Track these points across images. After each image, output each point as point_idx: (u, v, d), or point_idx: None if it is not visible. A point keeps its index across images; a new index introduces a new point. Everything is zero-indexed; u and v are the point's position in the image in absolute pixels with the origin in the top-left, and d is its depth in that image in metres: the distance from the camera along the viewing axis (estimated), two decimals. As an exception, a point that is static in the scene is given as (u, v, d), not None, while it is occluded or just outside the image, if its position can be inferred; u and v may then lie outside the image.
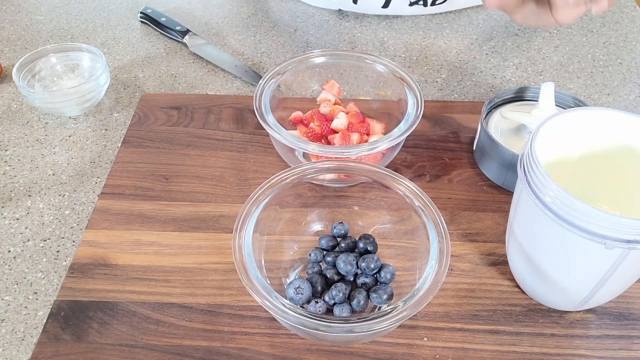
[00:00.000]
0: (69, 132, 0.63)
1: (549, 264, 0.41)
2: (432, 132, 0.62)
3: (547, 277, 0.42)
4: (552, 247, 0.39)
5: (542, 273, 0.42)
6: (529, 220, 0.40)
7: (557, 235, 0.37)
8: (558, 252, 0.39)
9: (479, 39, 0.79)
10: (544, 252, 0.40)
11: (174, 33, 0.77)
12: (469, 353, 0.43)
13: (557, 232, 0.37)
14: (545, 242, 0.39)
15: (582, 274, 0.39)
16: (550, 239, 0.39)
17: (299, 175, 0.46)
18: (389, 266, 0.45)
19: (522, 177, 0.39)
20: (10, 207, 0.55)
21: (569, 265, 0.39)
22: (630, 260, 0.36)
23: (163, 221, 0.52)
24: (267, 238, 0.46)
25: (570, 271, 0.40)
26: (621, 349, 0.43)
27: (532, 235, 0.41)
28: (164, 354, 0.43)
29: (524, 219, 0.41)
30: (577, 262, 0.39)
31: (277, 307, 0.37)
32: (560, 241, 0.38)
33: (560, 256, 0.39)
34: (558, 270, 0.41)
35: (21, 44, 0.78)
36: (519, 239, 0.43)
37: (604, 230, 0.34)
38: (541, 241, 0.40)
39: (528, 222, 0.41)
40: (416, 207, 0.44)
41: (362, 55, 0.60)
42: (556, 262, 0.40)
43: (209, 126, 0.63)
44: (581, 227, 0.35)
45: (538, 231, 0.40)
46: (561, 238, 0.37)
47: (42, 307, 0.47)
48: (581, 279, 0.40)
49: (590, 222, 0.34)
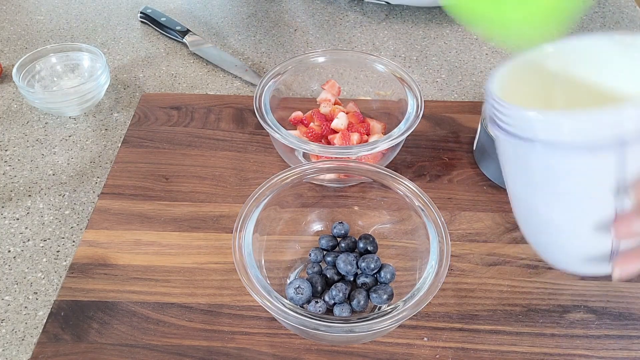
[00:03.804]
0: (69, 132, 0.63)
1: (537, 202, 0.35)
2: (432, 132, 0.62)
3: (545, 221, 0.36)
4: (530, 179, 0.34)
5: (542, 219, 0.36)
6: (511, 167, 0.36)
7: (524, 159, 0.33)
8: (534, 182, 0.34)
9: (479, 39, 0.79)
10: (530, 191, 0.35)
11: (174, 33, 0.77)
12: (469, 353, 0.43)
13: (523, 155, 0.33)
14: (525, 176, 0.35)
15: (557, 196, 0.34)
16: (523, 168, 0.34)
17: (299, 175, 0.46)
18: (389, 266, 0.45)
19: (491, 124, 0.35)
20: (10, 207, 0.55)
21: (548, 192, 0.34)
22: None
23: (163, 221, 0.52)
24: (267, 238, 0.46)
25: (551, 198, 0.35)
26: (621, 349, 0.43)
27: (518, 183, 0.36)
28: (164, 354, 0.43)
29: (509, 171, 0.37)
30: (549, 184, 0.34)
31: (277, 307, 0.37)
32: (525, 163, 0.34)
33: (538, 185, 0.34)
34: (546, 205, 0.35)
35: (21, 44, 0.78)
36: (515, 200, 0.38)
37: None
38: (522, 179, 0.35)
39: (511, 170, 0.36)
40: (416, 207, 0.44)
41: (362, 55, 0.60)
42: (541, 197, 0.35)
43: (209, 126, 0.63)
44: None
45: (516, 169, 0.35)
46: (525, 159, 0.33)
47: (42, 307, 0.47)
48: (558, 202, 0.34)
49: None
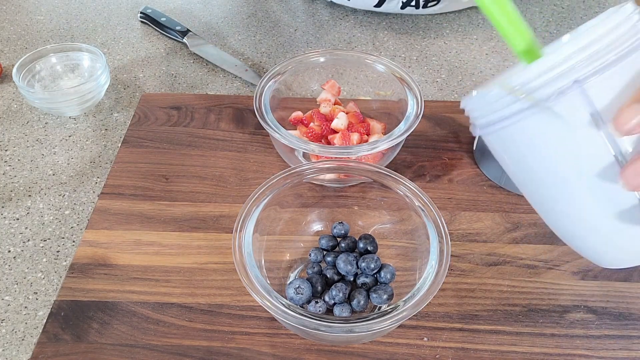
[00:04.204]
0: (69, 132, 0.63)
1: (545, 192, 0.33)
2: (432, 132, 0.62)
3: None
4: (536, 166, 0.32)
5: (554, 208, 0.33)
6: (507, 161, 0.34)
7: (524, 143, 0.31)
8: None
9: (479, 39, 0.79)
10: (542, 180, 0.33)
11: (174, 33, 0.77)
12: (469, 353, 0.43)
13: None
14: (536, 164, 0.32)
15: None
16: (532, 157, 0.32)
17: (299, 175, 0.46)
18: (389, 266, 0.45)
19: (476, 128, 0.34)
20: (10, 207, 0.55)
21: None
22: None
23: (163, 221, 0.52)
24: (267, 238, 0.46)
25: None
26: (621, 349, 0.43)
27: (528, 175, 0.34)
28: (164, 354, 0.43)
29: (510, 168, 0.35)
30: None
31: (277, 307, 0.37)
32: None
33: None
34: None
35: (21, 44, 0.78)
36: (531, 197, 0.35)
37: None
38: (520, 165, 0.33)
39: (510, 165, 0.35)
40: (416, 207, 0.44)
41: (362, 55, 0.60)
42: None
43: (209, 126, 0.63)
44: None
45: (521, 163, 0.33)
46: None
47: (42, 307, 0.47)
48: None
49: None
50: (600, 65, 0.27)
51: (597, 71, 0.27)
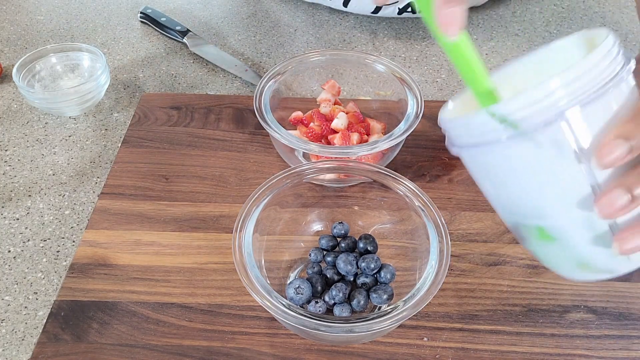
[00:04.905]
0: (69, 132, 0.63)
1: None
2: (432, 132, 0.62)
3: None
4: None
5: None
6: (484, 177, 0.35)
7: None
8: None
9: (479, 39, 0.79)
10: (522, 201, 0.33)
11: (174, 33, 0.77)
12: (469, 353, 0.43)
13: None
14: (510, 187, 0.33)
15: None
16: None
17: (299, 175, 0.46)
18: (389, 266, 0.45)
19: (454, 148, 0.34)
20: (10, 207, 0.55)
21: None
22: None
23: (163, 221, 0.52)
24: (267, 238, 0.46)
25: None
26: (621, 349, 0.43)
27: (498, 191, 0.35)
28: (164, 354, 0.43)
29: (485, 184, 0.36)
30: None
31: (277, 307, 0.37)
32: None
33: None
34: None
35: (21, 44, 0.78)
36: (504, 213, 0.36)
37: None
38: (495, 184, 0.34)
39: (485, 180, 0.36)
40: (416, 207, 0.44)
41: (362, 55, 0.60)
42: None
43: (209, 126, 0.63)
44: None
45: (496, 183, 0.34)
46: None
47: (42, 307, 0.47)
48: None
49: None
50: (585, 99, 0.28)
51: (581, 104, 0.28)
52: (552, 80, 0.28)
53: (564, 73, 0.28)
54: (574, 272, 0.35)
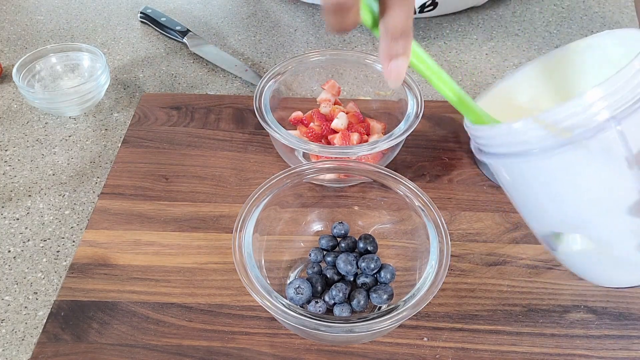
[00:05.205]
0: (69, 132, 0.63)
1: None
2: (432, 132, 0.62)
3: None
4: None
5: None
6: (515, 193, 0.35)
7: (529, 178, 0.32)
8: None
9: (479, 39, 0.79)
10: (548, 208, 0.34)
11: (174, 33, 0.77)
12: (469, 353, 0.43)
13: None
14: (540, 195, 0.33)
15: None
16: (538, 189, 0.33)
17: (299, 175, 0.46)
18: (389, 266, 0.45)
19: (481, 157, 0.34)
20: (10, 207, 0.55)
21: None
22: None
23: (163, 221, 0.52)
24: (267, 238, 0.46)
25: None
26: (621, 349, 0.43)
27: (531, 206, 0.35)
28: (163, 354, 0.43)
29: (517, 199, 0.36)
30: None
31: (277, 307, 0.37)
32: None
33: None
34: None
35: (21, 44, 0.78)
36: (540, 226, 0.36)
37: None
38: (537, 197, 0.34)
39: (517, 197, 0.35)
40: (416, 207, 0.44)
41: (362, 55, 0.60)
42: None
43: (209, 126, 0.63)
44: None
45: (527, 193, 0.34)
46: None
47: (42, 307, 0.47)
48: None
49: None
50: (636, 104, 0.28)
51: (635, 109, 0.28)
52: (603, 86, 0.27)
53: (615, 77, 0.27)
54: (611, 279, 0.35)
